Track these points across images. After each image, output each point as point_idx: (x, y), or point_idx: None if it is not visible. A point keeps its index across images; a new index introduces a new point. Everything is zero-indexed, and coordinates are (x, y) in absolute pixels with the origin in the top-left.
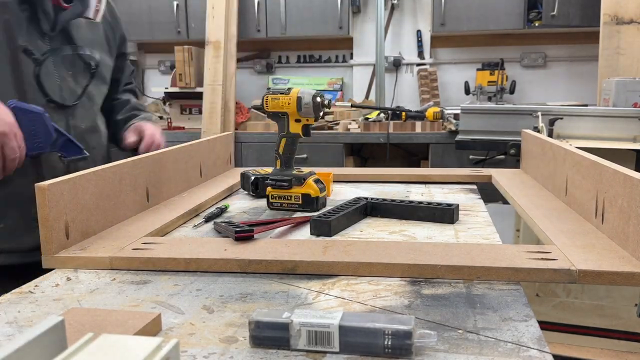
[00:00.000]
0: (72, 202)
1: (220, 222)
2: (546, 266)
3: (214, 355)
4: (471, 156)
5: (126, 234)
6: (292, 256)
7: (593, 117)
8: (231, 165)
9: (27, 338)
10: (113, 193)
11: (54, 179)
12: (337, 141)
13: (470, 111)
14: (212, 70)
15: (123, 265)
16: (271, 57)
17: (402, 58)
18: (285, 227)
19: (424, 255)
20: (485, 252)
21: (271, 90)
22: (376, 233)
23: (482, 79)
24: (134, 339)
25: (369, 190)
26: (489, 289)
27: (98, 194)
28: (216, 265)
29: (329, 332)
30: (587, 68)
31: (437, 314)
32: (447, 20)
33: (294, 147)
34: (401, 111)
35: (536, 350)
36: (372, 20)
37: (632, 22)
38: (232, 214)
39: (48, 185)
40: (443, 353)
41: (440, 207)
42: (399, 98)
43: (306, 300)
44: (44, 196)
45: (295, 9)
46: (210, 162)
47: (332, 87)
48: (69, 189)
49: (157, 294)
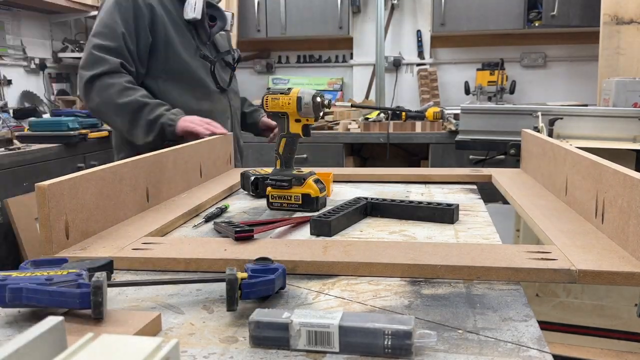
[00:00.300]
0: (72, 202)
1: (220, 222)
2: (546, 266)
3: (214, 355)
4: (471, 156)
5: (126, 234)
6: (292, 256)
7: (593, 117)
8: (231, 165)
9: (27, 338)
10: (113, 193)
11: (54, 179)
12: (337, 141)
13: (470, 111)
14: None
15: (123, 265)
16: (271, 57)
17: (402, 58)
18: (285, 227)
19: (424, 255)
20: (485, 252)
21: (271, 90)
22: (376, 233)
23: (482, 79)
24: (133, 339)
25: (369, 190)
26: (489, 289)
27: (98, 194)
28: (216, 265)
29: (329, 332)
30: (587, 68)
31: (437, 314)
32: (447, 20)
33: (294, 147)
34: (401, 111)
35: (536, 350)
36: (372, 20)
37: (632, 22)
38: (232, 214)
39: (48, 185)
40: (443, 353)
41: (440, 207)
42: (399, 98)
43: (306, 300)
44: (44, 196)
45: (295, 9)
46: (210, 162)
47: (332, 87)
48: (69, 189)
49: (157, 294)
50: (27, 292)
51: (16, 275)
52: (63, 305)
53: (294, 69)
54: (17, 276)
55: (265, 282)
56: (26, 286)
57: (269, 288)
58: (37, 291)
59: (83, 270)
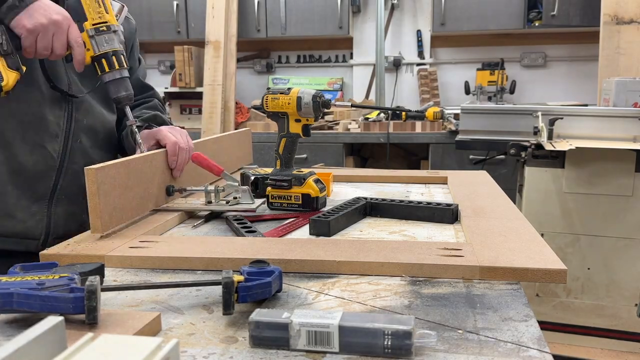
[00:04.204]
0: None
1: (232, 219)
2: (453, 262)
3: (214, 355)
4: (471, 156)
5: (123, 232)
6: (292, 256)
7: (593, 117)
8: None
9: (27, 338)
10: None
11: (93, 165)
12: (337, 141)
13: (470, 111)
14: (212, 70)
15: (119, 263)
16: (271, 57)
17: (402, 58)
18: (285, 226)
19: (423, 255)
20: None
21: (271, 90)
22: (376, 233)
23: (482, 79)
24: (133, 339)
25: (369, 190)
26: (489, 289)
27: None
28: (216, 265)
29: (329, 332)
30: (587, 68)
31: (437, 314)
32: (447, 20)
33: (294, 147)
34: (401, 111)
35: (536, 350)
36: (372, 20)
37: (632, 22)
38: (232, 213)
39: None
40: (443, 353)
41: (440, 207)
42: (399, 98)
43: (306, 300)
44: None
45: (295, 9)
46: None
47: (332, 87)
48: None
49: (157, 294)
50: (18, 297)
51: (6, 280)
52: (56, 310)
53: (294, 69)
54: (6, 281)
55: (262, 285)
56: (17, 291)
57: (266, 291)
58: (29, 296)
59: (75, 275)
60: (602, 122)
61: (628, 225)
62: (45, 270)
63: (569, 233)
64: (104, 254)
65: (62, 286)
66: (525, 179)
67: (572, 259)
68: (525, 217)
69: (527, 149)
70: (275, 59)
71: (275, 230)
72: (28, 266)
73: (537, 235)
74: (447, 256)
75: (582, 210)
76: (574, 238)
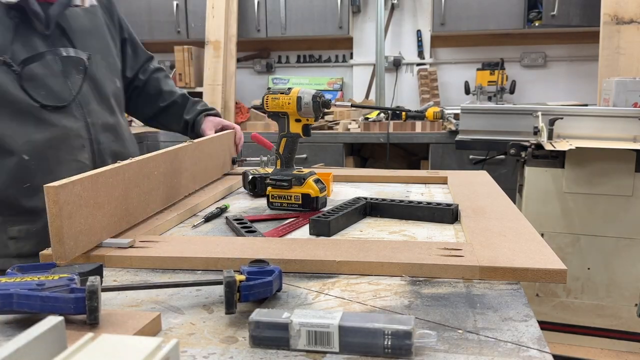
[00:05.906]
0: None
1: (232, 218)
2: (454, 262)
3: (214, 356)
4: (471, 156)
5: (123, 232)
6: (292, 255)
7: (593, 117)
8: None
9: (27, 338)
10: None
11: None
12: (337, 141)
13: (470, 111)
14: (212, 70)
15: (119, 263)
16: (271, 57)
17: (402, 58)
18: (285, 226)
19: (423, 255)
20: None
21: (271, 90)
22: (376, 233)
23: (482, 78)
24: (133, 339)
25: (369, 190)
26: (489, 289)
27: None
28: (216, 265)
29: (329, 332)
30: (587, 68)
31: (437, 314)
32: (447, 20)
33: (294, 147)
34: (401, 111)
35: (536, 350)
36: (372, 20)
37: (632, 22)
38: (232, 213)
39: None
40: (443, 353)
41: (440, 207)
42: (399, 98)
43: (306, 300)
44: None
45: (295, 9)
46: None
47: (332, 87)
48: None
49: (157, 294)
50: (18, 298)
51: (5, 280)
52: (56, 311)
53: (294, 69)
54: (6, 282)
55: (264, 284)
56: (17, 292)
57: (267, 290)
58: (29, 297)
59: (74, 275)
60: (602, 122)
61: (628, 225)
62: (44, 271)
63: (569, 233)
64: (104, 254)
65: (62, 287)
66: (525, 179)
67: (572, 259)
68: (525, 217)
69: (527, 149)
70: (275, 59)
71: (275, 230)
72: (26, 267)
73: (537, 235)
74: (447, 256)
75: (582, 210)
76: (574, 238)
